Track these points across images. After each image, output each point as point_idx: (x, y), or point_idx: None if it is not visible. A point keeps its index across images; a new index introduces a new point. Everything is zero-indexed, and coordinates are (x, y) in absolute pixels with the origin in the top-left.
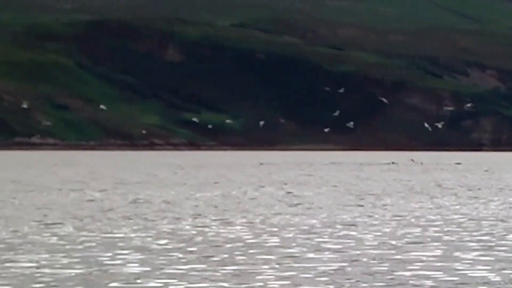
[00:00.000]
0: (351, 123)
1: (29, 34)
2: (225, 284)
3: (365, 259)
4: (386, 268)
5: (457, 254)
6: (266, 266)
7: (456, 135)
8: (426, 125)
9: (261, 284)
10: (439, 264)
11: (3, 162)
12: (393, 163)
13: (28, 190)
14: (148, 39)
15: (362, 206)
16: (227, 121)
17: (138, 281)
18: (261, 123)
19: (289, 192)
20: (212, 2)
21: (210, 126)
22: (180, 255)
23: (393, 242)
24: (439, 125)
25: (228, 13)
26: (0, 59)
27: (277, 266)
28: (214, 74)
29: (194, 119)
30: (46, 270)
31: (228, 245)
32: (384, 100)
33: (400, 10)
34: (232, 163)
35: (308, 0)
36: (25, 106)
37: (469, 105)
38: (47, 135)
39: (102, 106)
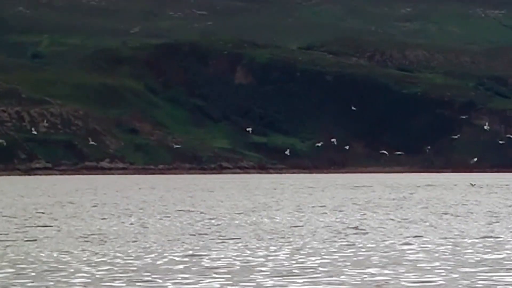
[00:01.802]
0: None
1: (99, 58)
2: None
3: None
4: None
5: None
6: None
7: None
8: (495, 145)
9: None
10: None
11: (87, 186)
12: (472, 184)
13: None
14: (217, 61)
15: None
16: (295, 143)
17: None
18: (330, 144)
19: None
20: (281, 25)
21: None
22: None
23: None
24: (508, 146)
25: (296, 36)
26: (70, 83)
27: None
28: (283, 97)
29: (263, 141)
30: None
31: None
32: (453, 121)
33: (468, 31)
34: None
35: (376, 21)
36: (95, 129)
37: None
38: (116, 159)
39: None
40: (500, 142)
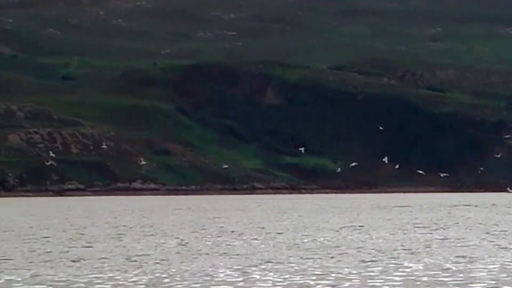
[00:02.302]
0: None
1: (129, 79)
2: None
3: None
4: None
5: None
6: None
7: None
8: None
9: None
10: None
11: (126, 207)
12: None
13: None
14: (247, 82)
15: None
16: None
17: None
18: (358, 164)
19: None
20: (311, 46)
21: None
22: None
23: None
24: None
25: (326, 56)
26: (101, 105)
27: None
28: (313, 117)
29: (295, 162)
30: None
31: None
32: (484, 141)
33: (497, 50)
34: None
35: (406, 41)
36: (126, 150)
37: None
38: (148, 180)
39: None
40: None
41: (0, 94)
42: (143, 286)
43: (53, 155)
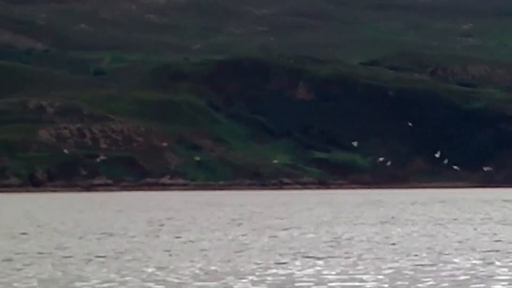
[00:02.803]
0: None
1: (160, 74)
2: None
3: None
4: None
5: None
6: None
7: None
8: None
9: None
10: None
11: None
12: None
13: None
14: (278, 77)
15: None
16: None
17: None
18: (391, 159)
19: None
20: (342, 40)
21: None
22: None
23: None
24: None
25: (357, 51)
26: (131, 100)
27: None
28: (344, 112)
29: (325, 157)
30: None
31: None
32: None
33: None
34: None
35: (437, 36)
36: (156, 146)
37: None
38: (177, 176)
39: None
40: None
41: (31, 89)
42: None
43: (103, 157)
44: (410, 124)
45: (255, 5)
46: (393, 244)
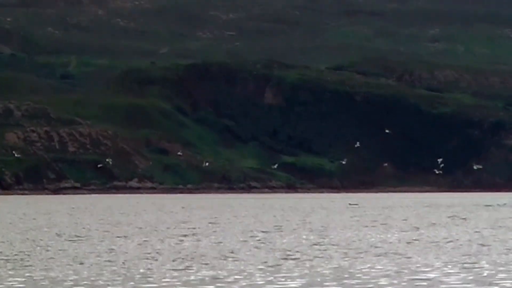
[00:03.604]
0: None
1: (128, 79)
2: None
3: None
4: None
5: None
6: None
7: None
8: None
9: None
10: None
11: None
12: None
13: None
14: (246, 82)
15: None
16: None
17: None
18: (358, 164)
19: None
20: (310, 46)
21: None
22: None
23: None
24: None
25: (325, 56)
26: (99, 104)
27: None
28: (311, 117)
29: (292, 162)
30: None
31: None
32: (482, 141)
33: (497, 52)
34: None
35: (404, 42)
36: (123, 149)
37: None
38: (145, 179)
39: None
40: None
41: None
42: None
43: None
44: (377, 129)
45: (221, 10)
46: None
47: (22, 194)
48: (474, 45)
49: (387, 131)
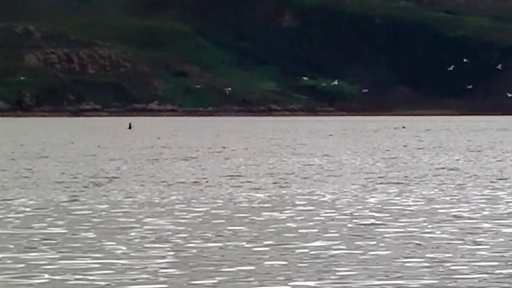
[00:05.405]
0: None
1: (147, 1)
2: None
3: None
4: None
5: None
6: None
7: None
8: None
9: None
10: None
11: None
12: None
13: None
14: (265, 5)
15: None
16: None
17: None
18: (377, 87)
19: None
20: None
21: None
22: None
23: None
24: None
25: None
26: (118, 26)
27: None
28: (330, 40)
29: (311, 84)
30: None
31: None
32: (499, 65)
33: None
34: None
35: None
36: (143, 72)
37: None
38: (165, 101)
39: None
40: None
41: (17, 13)
42: None
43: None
44: (400, 52)
45: None
46: None
47: (42, 116)
48: None
49: (405, 54)
